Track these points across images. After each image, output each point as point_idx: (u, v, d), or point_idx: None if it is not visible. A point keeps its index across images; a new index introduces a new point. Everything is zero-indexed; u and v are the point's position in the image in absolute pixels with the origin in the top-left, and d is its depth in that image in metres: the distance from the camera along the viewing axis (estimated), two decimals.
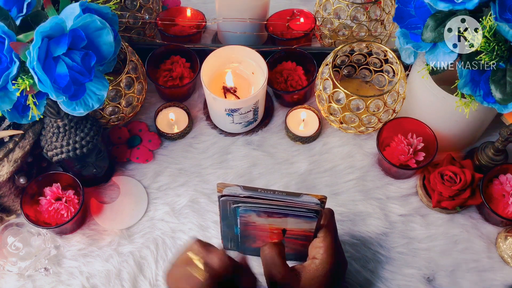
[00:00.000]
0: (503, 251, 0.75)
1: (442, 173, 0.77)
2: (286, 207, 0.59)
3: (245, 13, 0.88)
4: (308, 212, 0.59)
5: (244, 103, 0.79)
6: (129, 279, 0.75)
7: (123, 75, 0.79)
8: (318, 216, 0.60)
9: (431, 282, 0.74)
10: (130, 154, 0.85)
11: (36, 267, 0.75)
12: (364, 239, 0.78)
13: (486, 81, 0.63)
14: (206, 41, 0.99)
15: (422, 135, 0.80)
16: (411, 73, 0.81)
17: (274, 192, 0.58)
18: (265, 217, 0.61)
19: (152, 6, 0.93)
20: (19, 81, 0.57)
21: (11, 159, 0.73)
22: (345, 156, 0.85)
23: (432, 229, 0.78)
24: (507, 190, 0.76)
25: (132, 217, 0.80)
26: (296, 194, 0.58)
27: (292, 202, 0.58)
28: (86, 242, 0.78)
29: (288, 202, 0.59)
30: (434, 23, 0.63)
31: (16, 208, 0.78)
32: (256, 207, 0.60)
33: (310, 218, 0.60)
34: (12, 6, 0.59)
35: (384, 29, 0.89)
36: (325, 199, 0.58)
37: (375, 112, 0.79)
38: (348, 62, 0.88)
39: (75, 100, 0.61)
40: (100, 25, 0.58)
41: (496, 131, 0.85)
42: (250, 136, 0.88)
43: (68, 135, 0.72)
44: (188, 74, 0.89)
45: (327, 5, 0.88)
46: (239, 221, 0.63)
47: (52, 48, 0.56)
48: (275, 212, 0.60)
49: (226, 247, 0.74)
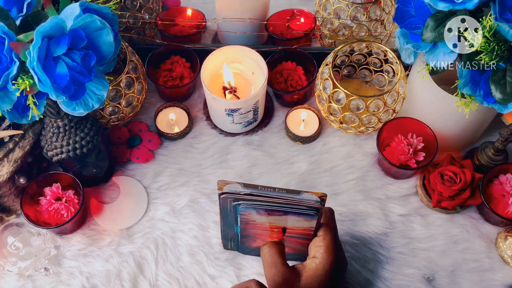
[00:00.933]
0: (503, 251, 0.75)
1: (442, 173, 0.77)
2: (286, 205, 0.59)
3: (245, 13, 0.88)
4: (308, 209, 0.59)
5: (244, 103, 0.79)
6: (129, 279, 0.75)
7: (123, 75, 0.79)
8: (318, 214, 0.60)
9: (431, 282, 0.74)
10: (130, 154, 0.85)
11: (36, 267, 0.75)
12: (364, 239, 0.78)
13: (486, 81, 0.63)
14: (206, 41, 0.99)
15: (422, 135, 0.80)
16: (411, 73, 0.81)
17: (275, 189, 0.58)
18: (266, 215, 0.61)
19: (152, 6, 0.93)
20: (19, 81, 0.57)
21: (11, 159, 0.73)
22: (345, 156, 0.85)
23: (432, 229, 0.78)
24: (507, 190, 0.76)
25: (132, 217, 0.80)
26: (296, 192, 0.58)
27: (292, 200, 0.59)
28: (86, 242, 0.78)
29: (289, 200, 0.59)
30: (434, 23, 0.63)
31: (16, 208, 0.78)
32: (256, 204, 0.60)
33: (310, 216, 0.60)
34: (12, 6, 0.59)
35: (384, 29, 0.89)
36: (325, 197, 0.58)
37: (375, 112, 0.79)
38: (348, 62, 0.88)
39: (75, 100, 0.61)
40: (100, 25, 0.58)
41: (496, 131, 0.85)
42: (250, 136, 0.88)
43: (68, 135, 0.72)
44: (188, 74, 0.89)
45: (327, 5, 0.88)
46: (240, 219, 0.63)
47: (52, 48, 0.56)
48: (275, 210, 0.60)
49: (226, 247, 0.74)
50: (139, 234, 0.79)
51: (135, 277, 0.75)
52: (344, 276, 0.68)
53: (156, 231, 0.79)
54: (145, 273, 0.76)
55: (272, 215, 0.61)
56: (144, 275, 0.76)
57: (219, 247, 0.77)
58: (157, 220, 0.80)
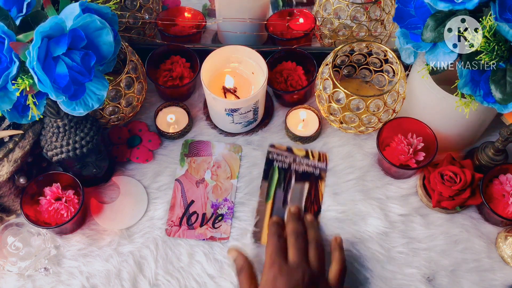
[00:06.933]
0: (503, 251, 0.75)
1: (442, 173, 0.77)
2: None
3: (245, 13, 0.88)
4: None
5: (244, 103, 0.79)
6: (129, 279, 0.75)
7: (123, 75, 0.79)
8: None
9: (431, 282, 0.74)
10: (130, 154, 0.85)
11: (36, 267, 0.75)
12: (364, 239, 0.78)
13: (486, 81, 0.63)
14: (206, 41, 0.99)
15: (422, 135, 0.80)
16: (411, 73, 0.81)
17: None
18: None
19: (152, 6, 0.93)
20: (19, 81, 0.57)
21: (11, 159, 0.73)
22: (345, 156, 0.85)
23: (432, 229, 0.78)
24: (507, 190, 0.76)
25: (132, 217, 0.80)
26: None
27: None
28: (86, 242, 0.78)
29: None
30: (434, 23, 0.63)
31: (16, 208, 0.78)
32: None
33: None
34: (12, 6, 0.59)
35: (384, 29, 0.89)
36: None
37: (375, 112, 0.79)
38: (348, 62, 0.88)
39: (75, 100, 0.61)
40: (100, 25, 0.58)
41: (496, 131, 0.85)
42: (250, 136, 0.88)
43: (68, 135, 0.72)
44: (188, 74, 0.89)
45: (327, 5, 0.88)
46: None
47: (52, 48, 0.56)
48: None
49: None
50: (139, 234, 0.79)
51: (135, 277, 0.75)
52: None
53: (156, 230, 0.79)
54: (145, 273, 0.76)
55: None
56: (144, 274, 0.76)
57: (219, 247, 0.77)
58: (157, 220, 0.80)
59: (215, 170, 0.84)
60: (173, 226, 0.79)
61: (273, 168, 0.84)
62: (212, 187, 0.83)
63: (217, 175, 0.83)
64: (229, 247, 0.76)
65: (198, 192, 0.82)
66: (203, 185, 0.83)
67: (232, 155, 0.85)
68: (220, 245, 0.77)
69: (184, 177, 0.83)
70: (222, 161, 0.85)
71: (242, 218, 0.80)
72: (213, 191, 0.82)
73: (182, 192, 0.82)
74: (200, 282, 0.75)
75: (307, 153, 0.85)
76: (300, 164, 0.84)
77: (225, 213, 0.80)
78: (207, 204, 0.81)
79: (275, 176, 0.83)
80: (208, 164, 0.85)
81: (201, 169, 0.84)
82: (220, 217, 0.80)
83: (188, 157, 0.85)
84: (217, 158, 0.85)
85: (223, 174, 0.84)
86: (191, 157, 0.85)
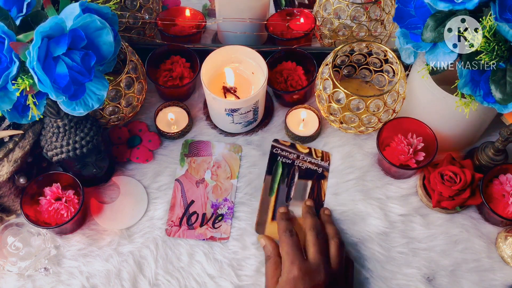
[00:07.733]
0: (503, 251, 0.75)
1: (442, 173, 0.77)
2: None
3: (245, 13, 0.88)
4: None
5: (244, 103, 0.79)
6: (129, 279, 0.75)
7: (123, 75, 0.79)
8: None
9: (431, 282, 0.74)
10: (130, 154, 0.85)
11: (36, 267, 0.75)
12: (364, 239, 0.78)
13: (486, 81, 0.63)
14: (206, 41, 0.99)
15: (422, 135, 0.80)
16: (411, 73, 0.81)
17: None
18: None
19: (152, 6, 0.93)
20: (19, 81, 0.57)
21: (11, 159, 0.73)
22: (345, 156, 0.85)
23: (432, 229, 0.78)
24: (507, 190, 0.76)
25: (132, 217, 0.80)
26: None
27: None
28: (86, 242, 0.78)
29: None
30: (434, 23, 0.63)
31: (16, 208, 0.78)
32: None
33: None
34: (12, 6, 0.59)
35: (384, 29, 0.89)
36: None
37: (375, 112, 0.79)
38: (348, 62, 0.88)
39: (75, 100, 0.61)
40: (100, 25, 0.58)
41: (496, 131, 0.85)
42: (250, 136, 0.88)
43: (68, 135, 0.72)
44: (188, 74, 0.89)
45: (327, 5, 0.88)
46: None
47: (52, 48, 0.56)
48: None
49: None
50: (139, 234, 0.79)
51: (135, 276, 0.75)
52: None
53: (156, 230, 0.79)
54: (145, 273, 0.76)
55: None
56: (144, 274, 0.76)
57: (219, 247, 0.77)
58: (157, 220, 0.80)
59: (215, 170, 0.84)
60: (173, 226, 0.79)
61: (277, 163, 0.84)
62: (212, 187, 0.83)
63: (217, 175, 0.84)
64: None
65: (198, 192, 0.82)
66: (203, 185, 0.83)
67: (232, 155, 0.85)
68: (220, 245, 0.78)
69: (184, 177, 0.83)
70: (222, 161, 0.85)
71: (242, 218, 0.80)
72: (213, 191, 0.82)
73: (182, 192, 0.82)
74: (200, 282, 0.75)
75: (310, 150, 0.85)
76: (304, 161, 0.84)
77: (225, 213, 0.80)
78: (207, 204, 0.81)
79: (279, 171, 0.83)
80: (208, 164, 0.85)
81: (201, 169, 0.84)
82: (220, 217, 0.80)
83: (188, 157, 0.85)
84: (217, 158, 0.85)
85: (223, 174, 0.84)
86: (191, 157, 0.85)
